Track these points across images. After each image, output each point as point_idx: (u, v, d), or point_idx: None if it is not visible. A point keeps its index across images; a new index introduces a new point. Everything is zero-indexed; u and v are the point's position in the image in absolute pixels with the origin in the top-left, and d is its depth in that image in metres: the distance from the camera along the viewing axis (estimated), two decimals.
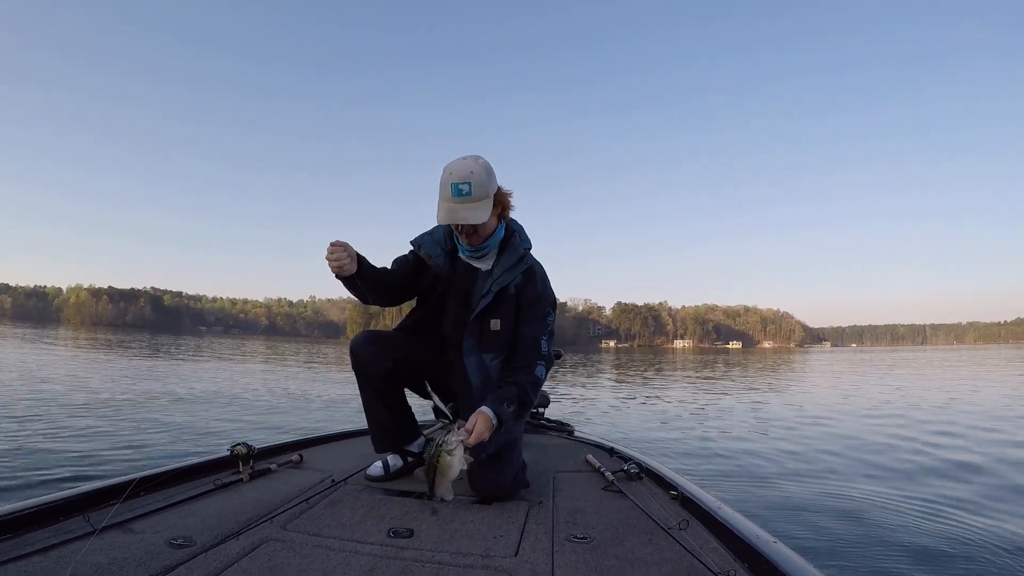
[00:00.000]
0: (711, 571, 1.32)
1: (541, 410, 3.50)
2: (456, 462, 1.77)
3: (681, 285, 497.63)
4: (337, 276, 1.93)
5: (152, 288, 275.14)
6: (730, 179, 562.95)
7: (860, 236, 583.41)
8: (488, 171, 2.00)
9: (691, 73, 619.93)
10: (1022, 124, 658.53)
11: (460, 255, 2.20)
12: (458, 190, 1.92)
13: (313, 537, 1.56)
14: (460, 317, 2.17)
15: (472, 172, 1.93)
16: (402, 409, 2.29)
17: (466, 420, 1.84)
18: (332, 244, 1.89)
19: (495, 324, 2.09)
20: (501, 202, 2.07)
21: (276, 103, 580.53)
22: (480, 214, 1.96)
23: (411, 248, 2.27)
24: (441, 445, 1.77)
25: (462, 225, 2.01)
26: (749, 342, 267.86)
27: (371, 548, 1.50)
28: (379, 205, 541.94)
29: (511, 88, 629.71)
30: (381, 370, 2.15)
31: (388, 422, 2.24)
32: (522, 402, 1.96)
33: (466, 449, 1.79)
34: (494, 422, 1.85)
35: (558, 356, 3.67)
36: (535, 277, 2.15)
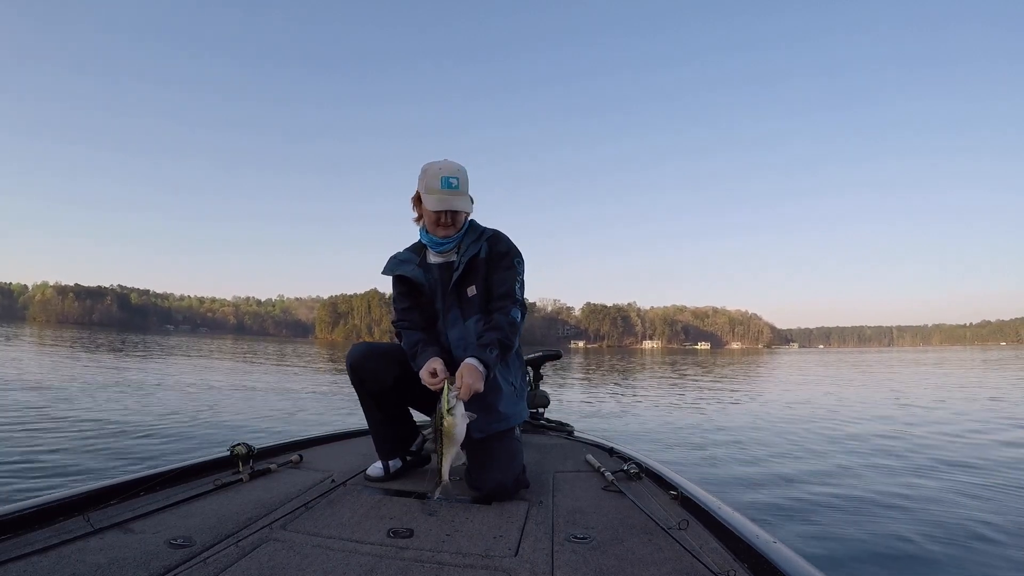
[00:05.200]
0: (711, 571, 1.33)
1: (541, 410, 3.47)
2: (459, 419, 1.82)
3: (650, 286, 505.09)
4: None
5: (119, 286, 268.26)
6: (699, 181, 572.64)
7: (827, 238, 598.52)
8: (467, 173, 2.27)
9: (669, 74, 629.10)
10: (995, 126, 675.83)
11: (430, 258, 2.29)
12: (448, 183, 2.14)
13: (313, 537, 1.56)
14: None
15: (459, 170, 2.19)
16: (403, 417, 2.34)
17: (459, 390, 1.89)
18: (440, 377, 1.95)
19: (471, 291, 2.20)
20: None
21: (246, 101, 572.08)
22: (467, 204, 2.20)
23: (391, 279, 2.35)
24: (439, 409, 1.82)
25: (446, 215, 2.17)
26: (718, 343, 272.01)
27: (371, 548, 1.50)
28: (355, 203, 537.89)
29: (481, 89, 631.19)
30: (383, 386, 2.20)
31: (391, 432, 2.29)
32: (503, 344, 2.06)
33: (466, 407, 1.85)
34: (480, 369, 1.93)
35: (557, 356, 3.70)
36: (500, 238, 2.30)
